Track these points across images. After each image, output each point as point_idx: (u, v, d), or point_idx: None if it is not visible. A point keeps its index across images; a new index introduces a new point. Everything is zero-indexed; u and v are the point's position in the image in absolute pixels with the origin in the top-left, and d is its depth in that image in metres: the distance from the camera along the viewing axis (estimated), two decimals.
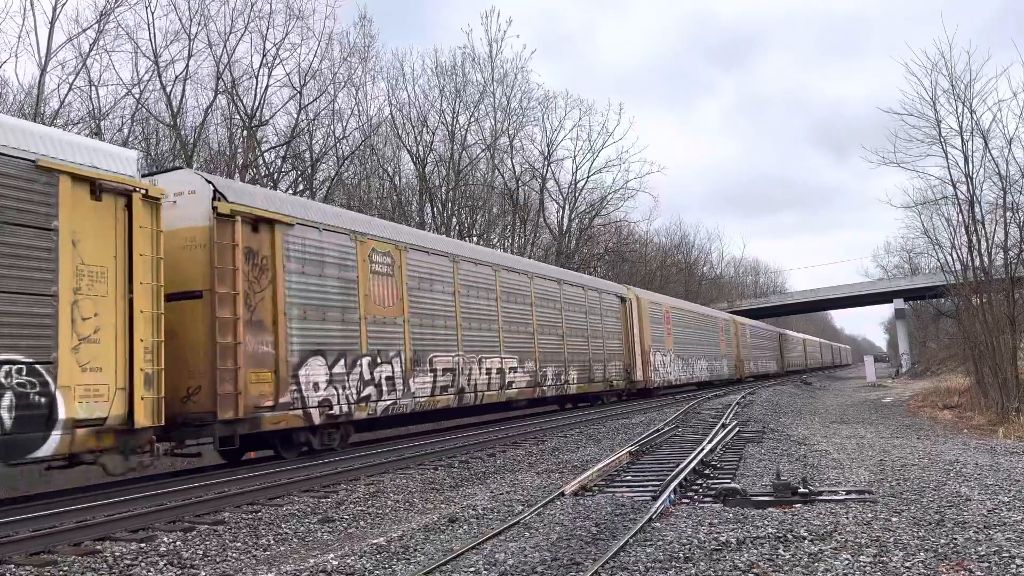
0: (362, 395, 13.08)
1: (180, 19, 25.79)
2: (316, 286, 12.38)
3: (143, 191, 9.24)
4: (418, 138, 36.85)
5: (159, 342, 9.24)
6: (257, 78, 28.10)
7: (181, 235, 10.76)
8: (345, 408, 12.69)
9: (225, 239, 10.83)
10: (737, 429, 14.37)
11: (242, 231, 11.01)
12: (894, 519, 6.73)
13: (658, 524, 6.67)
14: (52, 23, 22.63)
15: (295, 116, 29.66)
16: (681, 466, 9.31)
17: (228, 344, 10.66)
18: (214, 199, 10.83)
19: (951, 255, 23.41)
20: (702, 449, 10.88)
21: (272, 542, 6.75)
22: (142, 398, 8.91)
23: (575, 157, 44.54)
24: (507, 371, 18.13)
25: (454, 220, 37.27)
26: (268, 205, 11.86)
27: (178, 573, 5.84)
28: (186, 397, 10.54)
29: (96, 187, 8.73)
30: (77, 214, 8.50)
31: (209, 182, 11.09)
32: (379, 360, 13.60)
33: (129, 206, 9.06)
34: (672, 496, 7.75)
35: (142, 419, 8.89)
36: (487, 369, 17.32)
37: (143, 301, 9.09)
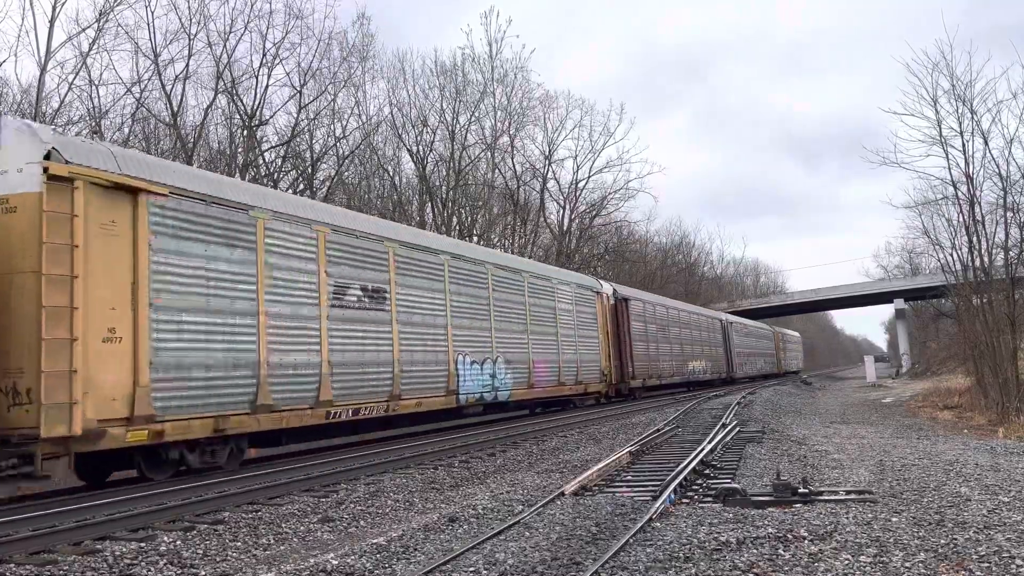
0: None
1: (180, 18, 25.76)
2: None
3: None
4: (418, 138, 36.84)
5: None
6: (257, 78, 28.08)
7: None
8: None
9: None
10: (737, 429, 14.36)
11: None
12: (894, 519, 6.73)
13: (658, 524, 6.67)
14: (52, 22, 22.61)
15: (295, 116, 29.65)
16: (681, 466, 9.31)
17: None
18: None
19: (951, 255, 23.51)
20: (702, 449, 10.88)
21: (272, 541, 6.75)
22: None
23: (576, 157, 44.46)
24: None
25: (454, 220, 37.25)
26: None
27: (178, 573, 5.83)
28: None
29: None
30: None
31: None
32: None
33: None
34: (672, 496, 7.75)
35: None
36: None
37: None
